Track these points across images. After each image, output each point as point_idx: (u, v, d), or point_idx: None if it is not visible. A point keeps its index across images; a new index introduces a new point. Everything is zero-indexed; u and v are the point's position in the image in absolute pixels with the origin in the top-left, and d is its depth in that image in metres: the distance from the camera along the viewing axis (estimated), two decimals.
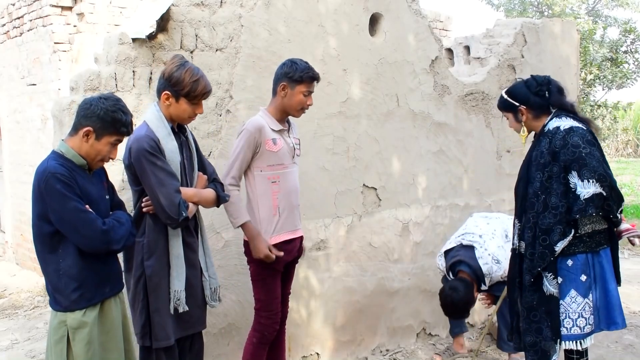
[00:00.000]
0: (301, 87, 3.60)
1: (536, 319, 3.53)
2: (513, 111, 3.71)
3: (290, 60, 3.65)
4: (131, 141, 3.08)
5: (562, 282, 3.48)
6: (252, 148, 3.52)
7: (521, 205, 3.64)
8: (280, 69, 3.62)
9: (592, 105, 11.23)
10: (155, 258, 3.19)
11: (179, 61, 3.20)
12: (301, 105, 3.65)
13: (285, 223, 3.68)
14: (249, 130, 3.52)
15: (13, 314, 6.46)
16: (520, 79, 3.79)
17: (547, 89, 3.63)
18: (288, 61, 3.64)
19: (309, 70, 3.61)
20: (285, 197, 3.65)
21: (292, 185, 3.70)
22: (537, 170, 3.52)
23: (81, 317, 2.76)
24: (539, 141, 3.58)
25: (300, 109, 3.67)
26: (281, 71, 3.61)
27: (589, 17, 15.61)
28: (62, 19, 7.17)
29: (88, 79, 3.70)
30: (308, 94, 3.64)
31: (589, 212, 3.36)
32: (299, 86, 3.59)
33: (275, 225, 3.64)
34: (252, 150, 3.53)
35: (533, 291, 3.54)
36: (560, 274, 3.48)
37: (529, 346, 3.57)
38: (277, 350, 3.91)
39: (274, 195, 3.60)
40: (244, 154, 3.52)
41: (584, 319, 3.45)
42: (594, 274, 3.48)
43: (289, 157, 3.69)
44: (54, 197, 2.66)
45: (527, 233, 3.54)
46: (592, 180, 3.34)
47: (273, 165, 3.59)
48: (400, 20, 5.02)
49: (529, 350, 3.58)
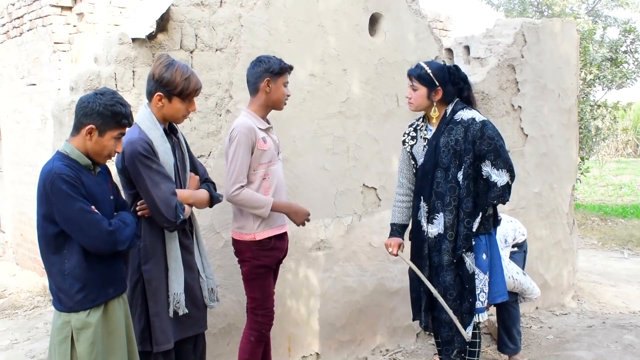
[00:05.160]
0: (282, 79, 3.67)
1: (453, 297, 3.72)
2: (429, 88, 3.75)
3: (262, 57, 3.68)
4: (124, 144, 3.03)
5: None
6: (249, 149, 3.52)
7: (430, 188, 3.77)
8: (257, 67, 3.63)
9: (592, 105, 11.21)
10: (153, 262, 3.18)
11: (166, 61, 3.17)
12: (285, 97, 3.72)
13: (276, 218, 3.70)
14: (243, 132, 3.51)
15: (13, 314, 6.46)
16: (443, 62, 3.94)
17: (466, 86, 3.82)
18: (262, 57, 3.66)
19: (284, 62, 3.67)
20: (276, 193, 3.68)
21: (280, 180, 3.74)
22: (453, 157, 3.68)
23: (85, 317, 2.76)
24: (450, 129, 3.72)
25: (284, 101, 3.73)
26: (259, 68, 3.62)
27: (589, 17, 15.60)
28: (62, 19, 7.16)
29: (88, 79, 3.70)
30: (287, 85, 3.72)
31: (507, 198, 3.69)
32: (281, 78, 3.65)
33: (267, 221, 3.65)
34: (250, 151, 3.53)
35: (451, 270, 3.72)
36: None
37: (446, 323, 3.76)
38: (265, 347, 3.91)
39: (266, 191, 3.63)
40: (242, 156, 3.51)
41: (484, 293, 3.74)
42: (490, 253, 3.78)
43: (276, 154, 3.72)
44: (60, 197, 2.66)
45: (448, 216, 3.69)
46: (504, 170, 3.63)
47: (264, 163, 3.60)
48: (400, 20, 5.02)
49: (445, 326, 3.78)
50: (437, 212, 3.75)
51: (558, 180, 6.35)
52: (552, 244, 6.34)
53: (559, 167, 6.34)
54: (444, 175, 3.71)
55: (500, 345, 4.87)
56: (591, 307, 6.51)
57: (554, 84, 6.19)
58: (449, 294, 3.71)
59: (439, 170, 3.73)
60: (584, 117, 10.58)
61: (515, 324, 4.79)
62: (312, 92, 4.52)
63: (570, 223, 6.61)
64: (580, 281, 7.09)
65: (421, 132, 3.88)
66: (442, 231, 3.73)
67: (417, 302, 3.95)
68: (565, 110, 6.36)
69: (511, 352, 4.83)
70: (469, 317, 3.73)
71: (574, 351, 5.06)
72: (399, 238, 3.98)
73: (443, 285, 3.73)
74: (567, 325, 5.85)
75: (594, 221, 11.99)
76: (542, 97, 6.09)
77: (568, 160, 6.49)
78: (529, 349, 5.19)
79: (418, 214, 3.87)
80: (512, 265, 4.68)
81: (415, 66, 3.83)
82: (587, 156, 11.47)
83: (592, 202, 14.35)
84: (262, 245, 3.64)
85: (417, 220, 3.88)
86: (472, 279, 3.70)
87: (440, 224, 3.73)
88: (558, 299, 6.46)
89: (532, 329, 5.69)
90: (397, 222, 4.02)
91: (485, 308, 3.82)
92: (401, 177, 4.02)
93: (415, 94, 3.79)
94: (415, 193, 3.92)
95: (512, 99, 5.85)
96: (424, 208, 3.82)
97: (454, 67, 3.84)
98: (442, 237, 3.73)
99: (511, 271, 4.59)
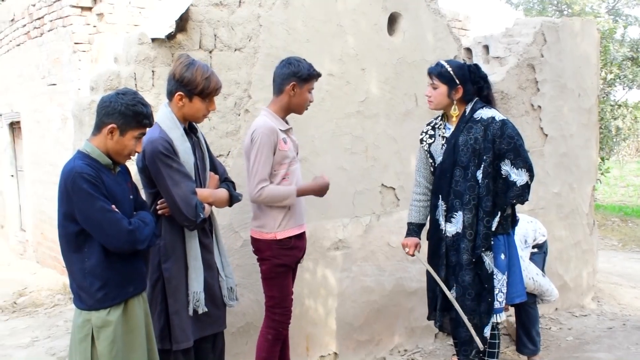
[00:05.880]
0: (309, 85, 3.65)
1: (471, 296, 3.70)
2: (450, 86, 3.73)
3: (292, 58, 3.66)
4: (144, 144, 3.05)
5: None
6: (272, 149, 3.52)
7: (448, 187, 3.76)
8: (286, 69, 3.61)
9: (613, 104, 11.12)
10: (173, 260, 3.20)
11: (186, 60, 3.19)
12: (307, 103, 3.71)
13: (295, 217, 3.71)
14: (266, 134, 3.51)
15: (33, 312, 6.52)
16: (463, 61, 3.91)
17: (486, 85, 3.79)
18: (293, 60, 3.65)
19: (313, 68, 3.66)
20: None
21: (299, 180, 3.74)
22: (472, 155, 3.66)
23: (105, 316, 2.78)
24: (469, 127, 3.70)
25: (305, 106, 3.72)
26: (287, 70, 3.61)
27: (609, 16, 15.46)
28: (82, 20, 7.23)
29: (108, 79, 3.72)
30: (311, 91, 3.70)
31: (526, 198, 3.64)
32: (307, 84, 3.64)
33: (288, 220, 3.65)
34: (273, 151, 3.54)
35: (470, 270, 3.68)
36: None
37: (464, 323, 3.72)
38: (283, 346, 3.91)
39: None
40: (265, 157, 3.51)
41: (502, 294, 3.73)
42: (509, 253, 3.76)
43: (295, 154, 3.72)
44: (81, 196, 2.68)
45: (467, 214, 3.66)
46: (524, 170, 3.60)
47: (284, 164, 3.60)
48: (419, 20, 5.01)
49: (463, 326, 3.73)
50: (455, 210, 3.73)
51: (578, 180, 6.30)
52: (572, 244, 6.29)
53: (578, 167, 6.29)
54: (462, 174, 3.70)
55: (519, 346, 4.84)
56: (611, 308, 6.45)
57: (573, 84, 6.14)
58: (468, 294, 3.69)
59: (458, 169, 3.71)
60: (604, 116, 10.51)
61: (535, 325, 4.75)
62: (331, 92, 4.52)
63: (590, 224, 6.55)
64: (600, 282, 7.03)
65: (439, 130, 3.86)
66: (460, 230, 3.71)
67: (433, 302, 3.94)
68: (585, 110, 6.31)
69: (530, 353, 4.80)
70: (487, 317, 3.71)
71: (594, 353, 5.02)
72: (416, 238, 3.97)
73: (462, 285, 3.70)
74: (586, 326, 5.80)
75: (614, 222, 11.89)
76: (561, 97, 6.04)
77: (588, 160, 6.43)
78: (548, 350, 5.15)
79: (436, 213, 3.85)
80: (532, 266, 4.65)
81: (435, 64, 3.81)
82: (608, 156, 11.39)
83: (612, 202, 14.23)
84: (282, 245, 3.64)
85: (435, 219, 3.86)
86: (490, 279, 3.68)
87: (459, 222, 3.71)
88: (578, 300, 6.41)
89: (552, 330, 5.65)
90: (414, 222, 4.01)
91: (504, 309, 3.80)
92: (418, 176, 4.01)
93: (435, 93, 3.77)
94: (433, 192, 3.90)
95: (532, 98, 5.81)
96: (442, 207, 3.80)
97: (474, 65, 3.82)
98: (460, 236, 3.71)
99: (531, 272, 4.56)
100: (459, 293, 3.72)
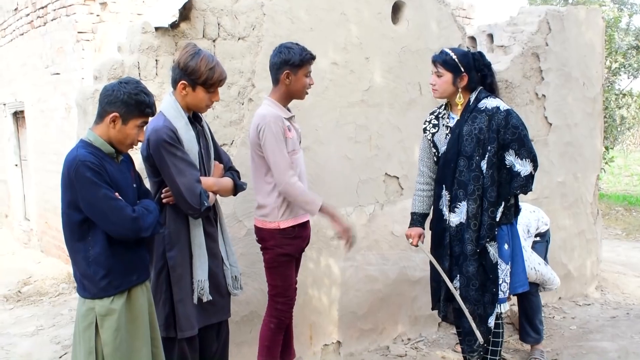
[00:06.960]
0: (303, 70, 3.60)
1: (475, 287, 3.69)
2: (454, 74, 3.70)
3: (283, 46, 3.61)
4: (149, 132, 3.06)
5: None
6: (283, 137, 3.52)
7: (452, 176, 3.74)
8: (277, 58, 3.58)
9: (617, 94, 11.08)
10: (178, 249, 3.21)
11: (192, 50, 3.18)
12: (306, 87, 3.67)
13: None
14: (274, 122, 3.49)
15: (38, 301, 6.55)
16: (467, 48, 3.83)
17: (490, 73, 3.76)
18: (282, 47, 3.60)
19: (306, 52, 3.60)
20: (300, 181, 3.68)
21: (303, 168, 3.73)
22: (477, 145, 3.64)
23: (109, 304, 2.79)
24: (474, 117, 3.67)
25: (305, 91, 3.69)
26: (278, 60, 3.57)
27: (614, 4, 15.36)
28: (85, 9, 7.22)
29: (111, 68, 3.72)
30: (309, 75, 3.65)
31: (530, 188, 3.63)
32: (301, 70, 3.59)
33: (291, 210, 3.65)
34: (284, 139, 3.53)
35: (475, 260, 3.68)
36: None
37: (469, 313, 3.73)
38: (286, 335, 3.92)
39: None
40: (282, 144, 3.51)
41: (506, 284, 3.72)
42: (512, 243, 3.75)
43: (298, 143, 3.71)
44: (84, 184, 2.68)
45: (471, 205, 3.65)
46: (528, 160, 3.59)
47: (289, 152, 3.58)
48: (423, 8, 4.99)
49: (466, 317, 3.72)
50: (459, 200, 3.71)
51: (582, 169, 6.28)
52: (576, 233, 6.29)
53: (583, 157, 6.28)
54: (467, 163, 3.68)
55: (523, 335, 4.84)
56: (615, 297, 6.45)
57: (578, 73, 6.12)
58: (472, 284, 3.69)
59: (462, 159, 3.70)
60: (609, 106, 10.47)
61: (537, 314, 4.76)
62: (334, 81, 4.51)
63: (594, 213, 6.55)
64: (603, 271, 7.03)
65: (443, 120, 3.85)
66: (464, 220, 3.70)
67: (437, 292, 3.94)
68: (590, 99, 6.29)
69: (533, 342, 4.80)
70: (491, 307, 3.71)
71: (597, 342, 5.02)
72: (420, 228, 3.96)
73: (466, 275, 3.70)
74: (590, 315, 5.81)
75: (618, 211, 11.88)
76: (566, 86, 6.02)
77: (592, 149, 6.41)
78: (552, 339, 5.16)
79: (439, 203, 3.84)
80: (535, 256, 4.64)
81: (439, 52, 3.78)
82: (612, 145, 11.36)
83: (616, 191, 14.21)
84: (285, 234, 3.64)
85: (439, 209, 3.85)
86: (495, 269, 3.67)
87: (463, 212, 3.70)
88: (581, 289, 6.41)
89: (555, 319, 5.65)
90: (417, 211, 4.00)
91: (507, 298, 3.80)
92: (422, 166, 4.00)
93: (440, 81, 3.73)
94: (437, 181, 3.89)
95: (536, 87, 5.79)
96: (445, 196, 3.79)
97: (479, 53, 3.80)
98: (464, 226, 3.70)
99: (533, 262, 4.56)
100: (462, 283, 3.72)
